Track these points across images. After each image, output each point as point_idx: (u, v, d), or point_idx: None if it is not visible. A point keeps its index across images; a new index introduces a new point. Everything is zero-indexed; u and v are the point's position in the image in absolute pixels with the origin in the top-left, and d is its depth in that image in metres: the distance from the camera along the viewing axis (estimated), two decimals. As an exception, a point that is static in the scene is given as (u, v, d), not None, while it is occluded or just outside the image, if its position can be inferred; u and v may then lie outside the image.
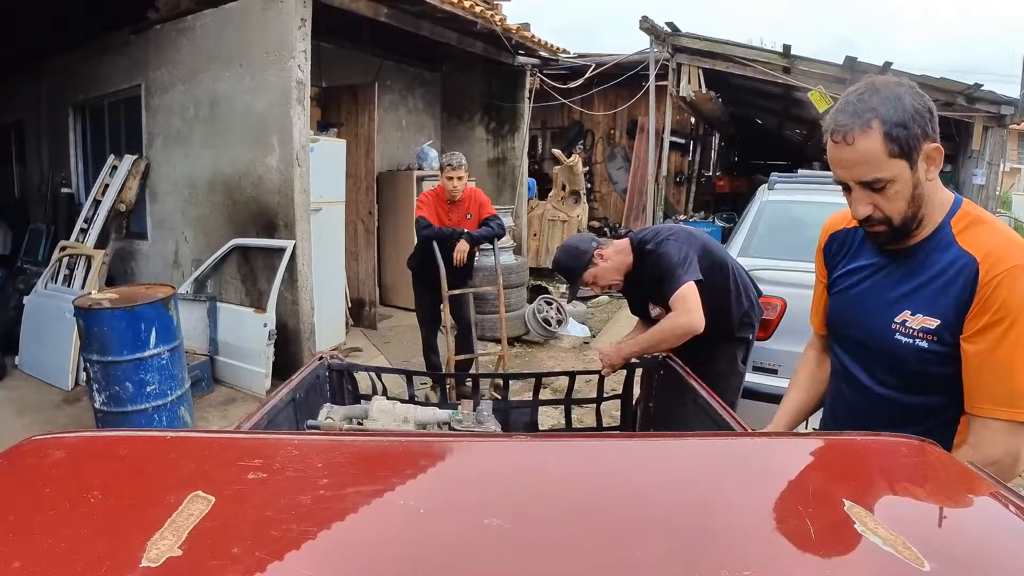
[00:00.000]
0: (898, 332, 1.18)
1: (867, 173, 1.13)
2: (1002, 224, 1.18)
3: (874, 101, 1.11)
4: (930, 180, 1.15)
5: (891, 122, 1.09)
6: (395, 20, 5.34)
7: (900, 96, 1.11)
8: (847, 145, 1.13)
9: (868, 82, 1.16)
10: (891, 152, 1.10)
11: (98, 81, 5.87)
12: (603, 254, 2.40)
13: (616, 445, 0.93)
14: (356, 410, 1.79)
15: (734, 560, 0.55)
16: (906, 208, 1.15)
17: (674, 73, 7.75)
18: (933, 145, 1.12)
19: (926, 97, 1.14)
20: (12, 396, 4.41)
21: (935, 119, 1.13)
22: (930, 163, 1.14)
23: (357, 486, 0.69)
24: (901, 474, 0.78)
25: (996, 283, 1.07)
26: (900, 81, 1.16)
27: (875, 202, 1.15)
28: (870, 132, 1.10)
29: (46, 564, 0.52)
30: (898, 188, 1.13)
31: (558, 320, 6.24)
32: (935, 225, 1.18)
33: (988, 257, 1.09)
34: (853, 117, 1.12)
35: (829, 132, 1.16)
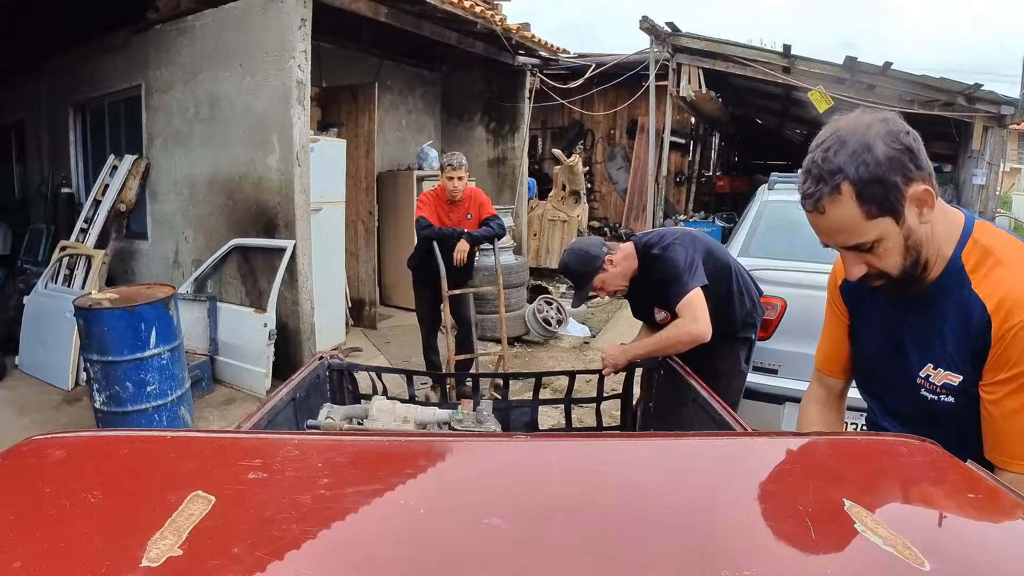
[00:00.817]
0: (923, 388, 1.09)
1: (848, 239, 1.03)
2: (1015, 253, 1.04)
3: (840, 159, 0.99)
4: (925, 223, 1.03)
5: (863, 181, 0.98)
6: (395, 20, 5.34)
7: (870, 145, 0.98)
8: (820, 214, 1.02)
9: (833, 131, 1.02)
10: (869, 214, 1.00)
11: (98, 81, 5.87)
12: (613, 259, 2.39)
13: (616, 445, 0.93)
14: (356, 410, 1.79)
15: (734, 560, 0.55)
16: (902, 260, 1.04)
17: (674, 73, 7.75)
18: (921, 188, 1.00)
19: (903, 132, 1.01)
20: (12, 396, 4.41)
21: (919, 154, 1.00)
22: (921, 206, 1.01)
23: (357, 486, 0.69)
24: (901, 474, 0.78)
25: (1011, 336, 0.97)
26: (870, 122, 1.02)
27: (867, 261, 1.05)
28: (840, 198, 0.99)
29: (46, 564, 0.52)
30: (888, 245, 1.02)
31: (558, 320, 6.24)
32: (945, 260, 1.06)
33: (1001, 306, 0.99)
34: (819, 183, 1.00)
35: (799, 199, 1.06)
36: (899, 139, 1.00)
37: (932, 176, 1.03)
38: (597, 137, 11.42)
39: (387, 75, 7.10)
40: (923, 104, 6.82)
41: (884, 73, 6.76)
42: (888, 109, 4.13)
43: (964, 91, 6.68)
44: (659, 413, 2.37)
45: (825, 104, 6.73)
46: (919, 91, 6.77)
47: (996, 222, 8.98)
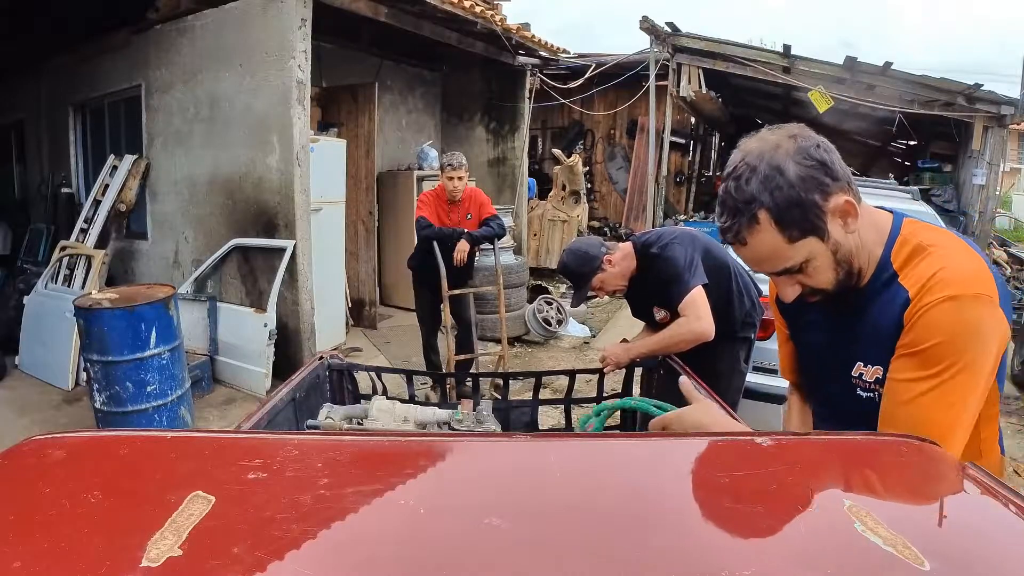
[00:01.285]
0: (859, 387, 1.07)
1: (775, 266, 1.01)
2: (948, 245, 1.01)
3: (752, 187, 0.96)
4: (851, 233, 1.00)
5: (779, 207, 0.95)
6: (395, 20, 5.34)
7: (781, 167, 0.95)
8: (741, 246, 1.00)
9: (742, 156, 0.99)
10: (791, 238, 0.97)
11: (98, 81, 5.87)
12: (612, 259, 2.39)
13: (616, 445, 0.93)
14: (356, 410, 1.79)
15: (734, 560, 0.55)
16: (835, 275, 1.02)
17: (674, 73, 7.75)
18: (841, 200, 0.97)
19: (812, 146, 0.97)
20: (12, 396, 4.41)
21: (833, 165, 0.97)
22: (844, 217, 0.99)
23: (357, 486, 0.69)
24: (901, 474, 0.78)
25: (925, 313, 0.95)
26: (777, 142, 0.98)
27: (799, 281, 1.03)
28: (759, 227, 0.97)
29: (46, 564, 0.52)
30: (817, 264, 1.00)
31: (558, 320, 6.24)
32: (876, 262, 1.04)
33: (921, 290, 0.96)
34: (736, 215, 0.98)
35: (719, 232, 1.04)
36: (810, 154, 0.97)
37: (852, 183, 1.00)
38: (597, 137, 11.42)
39: (387, 75, 7.10)
40: (923, 104, 6.82)
41: (884, 73, 6.76)
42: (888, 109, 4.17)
43: (964, 91, 6.68)
44: (659, 413, 2.36)
45: (825, 104, 6.73)
46: (919, 91, 6.77)
47: (996, 222, 8.97)
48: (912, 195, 4.43)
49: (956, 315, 0.93)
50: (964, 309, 0.93)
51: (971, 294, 0.93)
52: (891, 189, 4.80)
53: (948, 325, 0.93)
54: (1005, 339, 0.96)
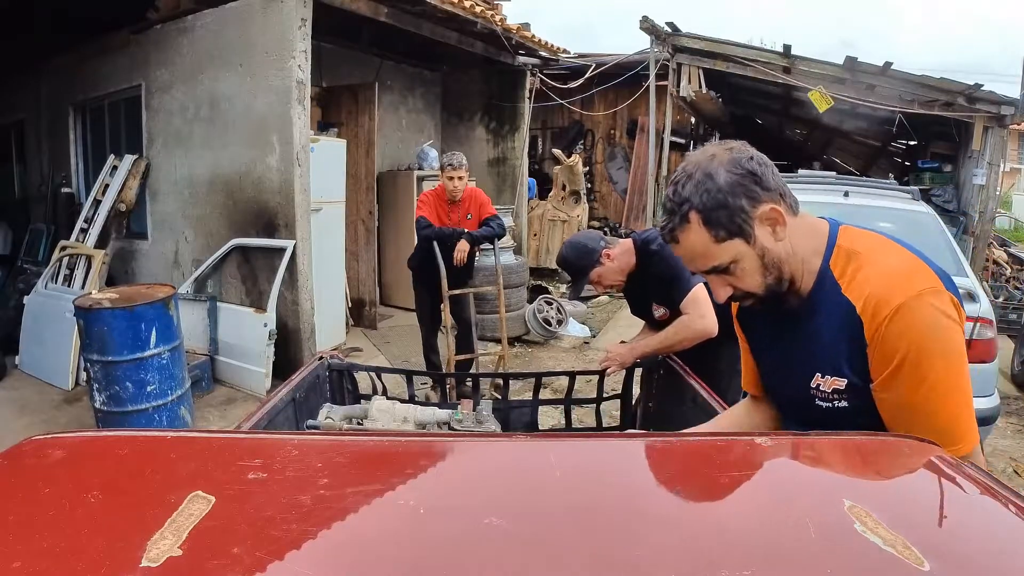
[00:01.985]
0: (817, 398, 1.11)
1: (704, 264, 1.09)
2: (879, 250, 1.07)
3: (687, 191, 1.05)
4: (780, 240, 1.07)
5: (707, 208, 1.04)
6: (395, 20, 5.34)
7: (712, 174, 1.04)
8: (676, 244, 1.09)
9: (683, 166, 1.09)
10: (718, 238, 1.05)
11: (98, 81, 5.87)
12: (610, 254, 2.40)
13: (616, 445, 0.93)
14: (356, 410, 1.79)
15: (734, 560, 0.55)
16: (763, 278, 1.08)
17: (674, 73, 7.74)
18: (766, 208, 1.04)
19: (745, 158, 1.06)
20: (12, 396, 4.41)
21: (764, 177, 1.05)
22: (772, 224, 1.06)
23: (357, 486, 0.69)
24: (901, 474, 0.78)
25: (884, 332, 0.99)
26: (714, 153, 1.07)
27: (729, 283, 1.10)
28: (689, 226, 1.06)
29: (46, 564, 0.52)
30: (744, 265, 1.07)
31: (558, 320, 6.24)
32: (815, 273, 1.09)
33: (867, 305, 1.01)
34: (671, 215, 1.08)
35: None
36: (741, 165, 1.05)
37: (784, 195, 1.07)
38: (597, 137, 11.42)
39: (387, 75, 7.10)
40: (923, 104, 6.81)
41: (884, 73, 6.76)
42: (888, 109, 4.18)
43: (964, 91, 6.67)
44: (659, 413, 2.37)
45: (825, 104, 6.73)
46: (919, 91, 6.77)
47: (996, 222, 8.97)
48: (912, 195, 4.42)
49: (910, 321, 0.98)
50: (914, 312, 0.98)
51: (913, 294, 0.98)
52: (891, 189, 4.80)
53: (908, 333, 0.98)
54: (959, 316, 1.01)
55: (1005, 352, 4.95)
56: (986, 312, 3.31)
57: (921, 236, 3.97)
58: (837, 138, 11.09)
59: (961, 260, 3.76)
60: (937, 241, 3.88)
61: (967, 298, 3.33)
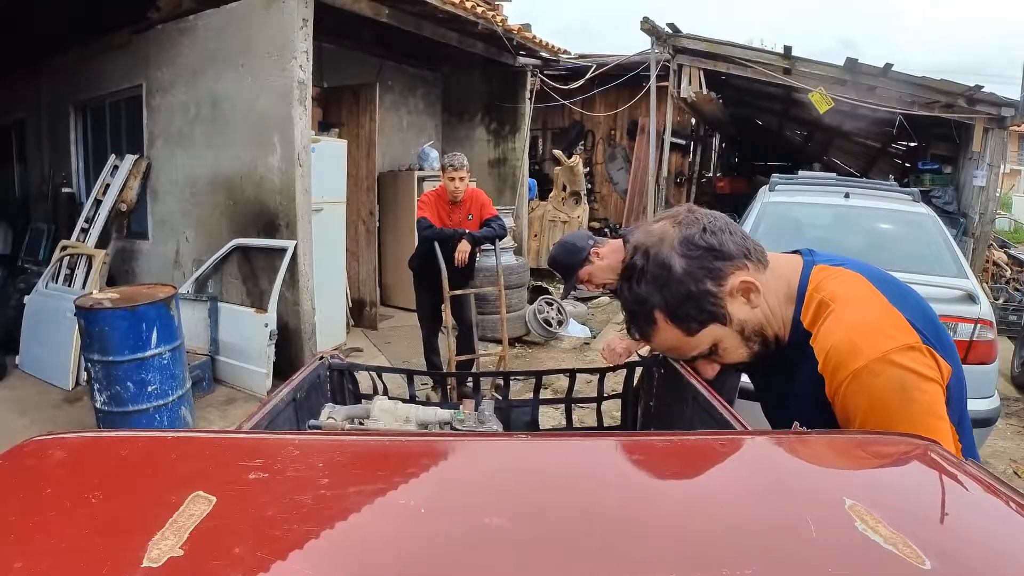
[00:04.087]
0: None
1: (685, 355, 1.03)
2: (847, 296, 0.97)
3: (644, 289, 0.97)
4: (755, 308, 0.98)
5: (671, 305, 0.96)
6: (396, 20, 5.35)
7: (667, 263, 0.95)
8: (649, 341, 1.03)
9: (632, 253, 1.00)
10: (691, 330, 0.98)
11: (99, 81, 5.88)
12: (599, 252, 2.40)
13: (616, 444, 0.93)
14: (358, 410, 1.79)
15: (734, 559, 0.55)
16: (747, 349, 1.02)
17: (675, 74, 7.74)
18: (736, 281, 0.96)
19: (697, 233, 0.96)
20: (12, 396, 4.41)
21: (724, 245, 0.96)
22: (745, 294, 0.97)
23: (359, 486, 0.69)
24: (902, 473, 0.78)
25: (842, 394, 0.93)
26: (662, 234, 0.97)
27: (715, 361, 1.04)
28: (658, 327, 0.98)
29: (47, 564, 0.52)
30: (726, 345, 1.00)
31: (559, 321, 6.24)
32: (789, 324, 1.02)
33: (827, 364, 0.94)
34: (635, 317, 1.00)
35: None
36: (694, 243, 0.95)
37: (750, 254, 0.98)
38: (597, 138, 11.42)
39: (388, 75, 7.11)
40: (923, 105, 6.81)
41: (885, 75, 6.76)
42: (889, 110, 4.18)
43: (964, 92, 6.68)
44: (659, 413, 2.37)
45: (826, 105, 6.73)
46: (920, 92, 6.77)
47: (996, 224, 8.96)
48: (912, 196, 4.42)
49: (869, 386, 0.90)
50: (879, 374, 0.90)
51: (878, 356, 0.90)
52: (891, 190, 4.80)
53: (867, 398, 0.91)
54: (936, 373, 0.92)
55: (1005, 354, 4.95)
56: (986, 314, 3.31)
57: (921, 238, 3.97)
58: (837, 139, 11.09)
59: (961, 261, 3.76)
60: (937, 242, 3.88)
61: (967, 299, 3.33)
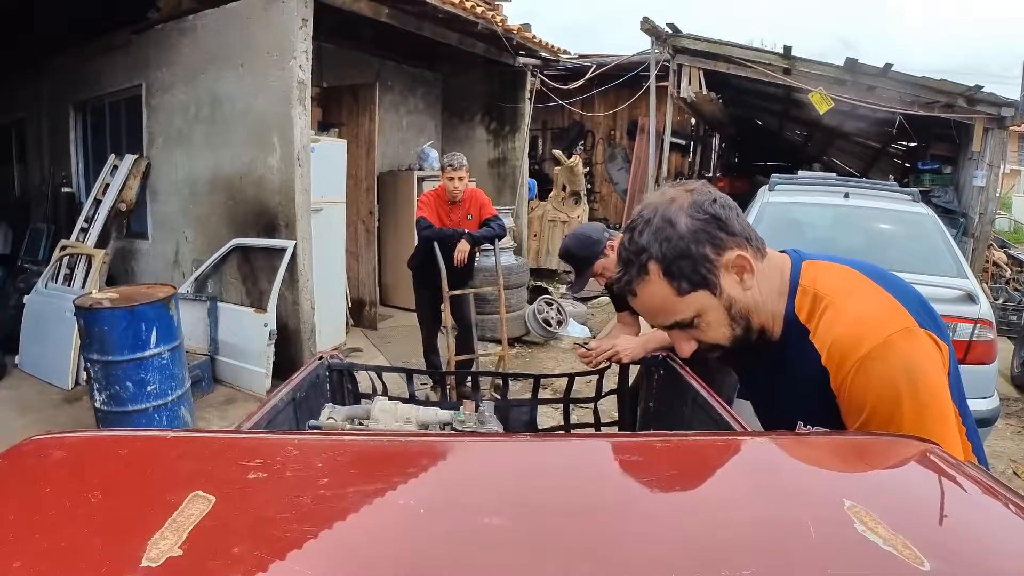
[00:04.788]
0: None
1: (667, 319, 1.00)
2: (845, 290, 0.98)
3: (645, 238, 0.96)
4: (748, 289, 0.98)
5: (668, 258, 0.95)
6: (396, 20, 5.35)
7: (673, 220, 0.95)
8: (633, 297, 1.00)
9: (640, 210, 1.00)
10: (681, 290, 0.96)
11: (99, 81, 5.88)
12: (614, 245, 2.39)
13: (616, 445, 0.93)
14: (358, 410, 1.79)
15: (734, 559, 0.55)
16: (731, 330, 1.00)
17: (675, 74, 7.74)
18: (733, 255, 0.96)
19: (708, 201, 0.97)
20: (12, 396, 4.41)
21: (729, 221, 0.96)
22: (740, 273, 0.97)
23: (358, 486, 0.69)
24: (901, 474, 0.78)
25: (849, 385, 0.93)
26: (674, 196, 0.98)
27: (693, 336, 1.02)
28: (648, 278, 0.97)
29: (46, 564, 0.52)
30: (710, 318, 0.99)
31: (558, 321, 6.24)
32: (782, 318, 1.01)
33: (831, 356, 0.94)
34: (628, 266, 0.98)
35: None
36: (703, 208, 0.96)
37: (751, 239, 0.99)
38: (597, 138, 11.42)
39: (388, 75, 7.11)
40: (923, 106, 6.82)
41: (885, 75, 6.76)
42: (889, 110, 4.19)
43: (964, 93, 6.68)
44: (659, 413, 2.37)
45: (826, 105, 6.73)
46: (920, 92, 6.77)
47: (996, 224, 8.96)
48: (912, 196, 4.43)
49: (876, 372, 0.91)
50: (883, 360, 0.91)
51: (880, 341, 0.91)
52: (891, 190, 4.80)
53: (874, 386, 0.91)
54: (938, 355, 0.93)
55: (1005, 354, 4.96)
56: (986, 314, 3.31)
57: (921, 238, 3.97)
58: (837, 139, 11.09)
59: (961, 261, 3.76)
60: (937, 242, 3.88)
61: (967, 299, 3.33)
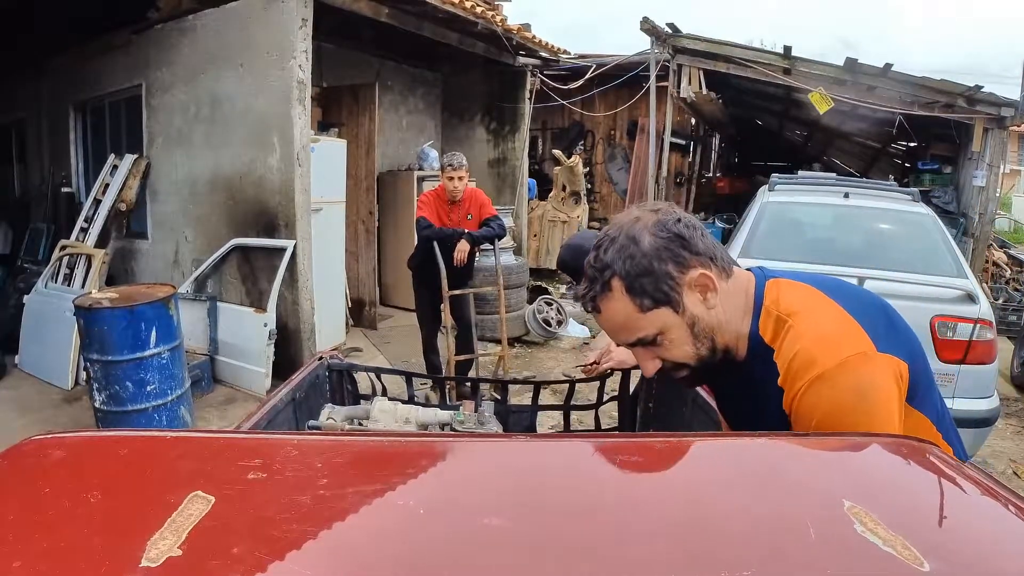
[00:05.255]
0: None
1: (629, 336, 1.01)
2: (805, 309, 0.99)
3: (609, 256, 0.98)
4: (711, 308, 0.99)
5: (631, 275, 0.96)
6: (396, 20, 5.34)
7: (637, 237, 0.97)
8: (598, 314, 1.02)
9: (607, 229, 1.03)
10: (643, 307, 0.97)
11: (99, 80, 5.88)
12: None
13: (616, 445, 0.93)
14: (358, 411, 1.79)
15: (734, 560, 0.55)
16: (695, 349, 1.01)
17: (675, 74, 7.74)
18: (696, 273, 0.97)
19: (672, 221, 0.98)
20: (12, 396, 4.41)
21: (692, 240, 0.98)
22: (703, 292, 0.99)
23: (357, 486, 0.69)
24: (901, 474, 0.78)
25: (797, 404, 0.94)
26: (639, 215, 1.00)
27: (657, 355, 1.02)
28: (611, 295, 0.98)
29: (46, 564, 0.52)
30: (673, 336, 0.99)
31: (558, 321, 6.24)
32: (747, 338, 1.02)
33: (787, 376, 0.95)
34: (592, 283, 1.00)
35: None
36: (667, 227, 0.98)
37: (715, 259, 1.00)
38: (597, 138, 11.42)
39: (388, 75, 7.11)
40: (923, 105, 6.82)
41: (884, 75, 6.76)
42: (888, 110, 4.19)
43: (964, 93, 6.68)
44: (659, 413, 2.37)
45: (826, 105, 6.73)
46: (919, 92, 6.77)
47: (996, 224, 8.96)
48: (912, 196, 4.43)
49: (829, 392, 0.92)
50: (834, 382, 0.91)
51: (835, 364, 0.92)
52: (891, 190, 4.80)
53: (820, 406, 0.92)
54: (893, 382, 0.93)
55: (1004, 354, 4.96)
56: (985, 314, 3.31)
57: (921, 237, 3.97)
58: (837, 139, 11.09)
59: (961, 261, 3.76)
60: (937, 242, 3.88)
61: (967, 299, 3.33)
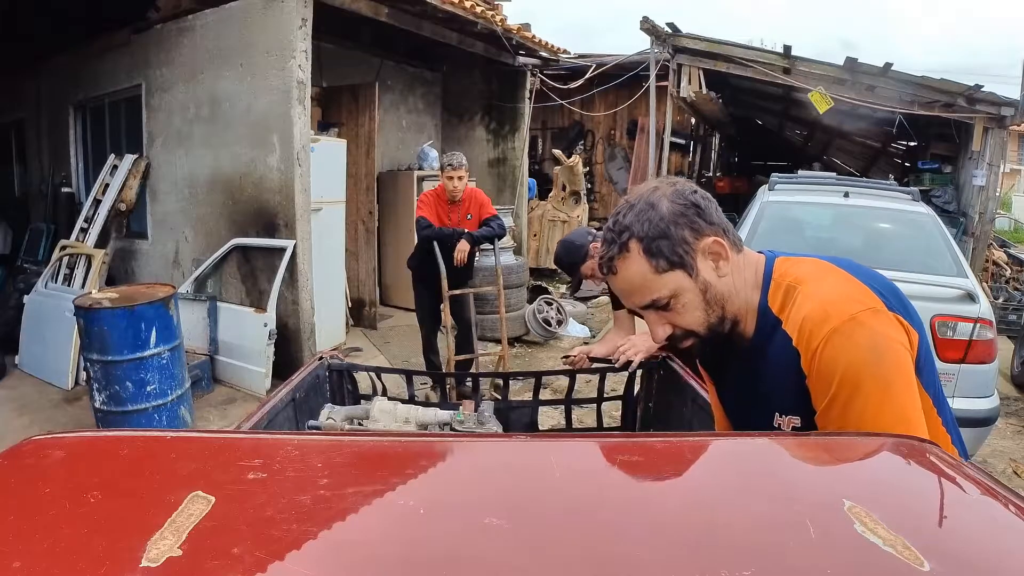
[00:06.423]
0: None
1: (644, 297, 1.04)
2: (813, 276, 1.03)
3: (627, 220, 1.03)
4: (723, 276, 1.03)
5: (648, 237, 1.01)
6: (396, 20, 5.34)
7: (654, 203, 1.02)
8: (613, 275, 1.06)
9: (625, 198, 1.08)
10: (659, 268, 1.01)
11: (99, 80, 5.88)
12: (598, 246, 2.40)
13: (616, 445, 0.93)
14: (357, 411, 1.79)
15: (734, 560, 0.55)
16: (705, 315, 1.04)
17: (674, 74, 7.74)
18: (709, 240, 1.02)
19: (689, 191, 1.04)
20: (12, 396, 4.41)
21: (707, 210, 1.03)
22: (716, 259, 1.03)
23: (358, 486, 0.69)
24: (901, 474, 0.78)
25: (818, 360, 0.95)
26: (657, 185, 1.06)
27: (668, 320, 1.05)
28: (629, 256, 1.02)
29: (46, 564, 0.52)
30: (685, 300, 1.02)
31: (558, 320, 6.24)
32: (755, 311, 1.05)
33: (801, 335, 0.97)
34: (610, 245, 1.05)
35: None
36: (684, 196, 1.03)
37: (728, 231, 1.04)
38: (597, 138, 11.42)
39: (387, 75, 7.10)
40: (923, 105, 6.82)
41: (884, 74, 6.76)
42: (888, 110, 4.20)
43: (964, 92, 6.68)
44: (659, 413, 2.37)
45: (825, 105, 6.73)
46: (920, 92, 6.77)
47: (996, 223, 8.96)
48: (912, 196, 4.42)
49: (845, 344, 0.93)
50: (850, 335, 0.93)
51: (848, 318, 0.94)
52: (891, 190, 4.80)
53: (841, 359, 0.94)
54: (904, 337, 0.96)
55: (1005, 353, 4.96)
56: (986, 313, 3.31)
57: (921, 237, 3.97)
58: (837, 139, 11.09)
59: (961, 261, 3.76)
60: (937, 242, 3.88)
61: (967, 299, 3.33)
